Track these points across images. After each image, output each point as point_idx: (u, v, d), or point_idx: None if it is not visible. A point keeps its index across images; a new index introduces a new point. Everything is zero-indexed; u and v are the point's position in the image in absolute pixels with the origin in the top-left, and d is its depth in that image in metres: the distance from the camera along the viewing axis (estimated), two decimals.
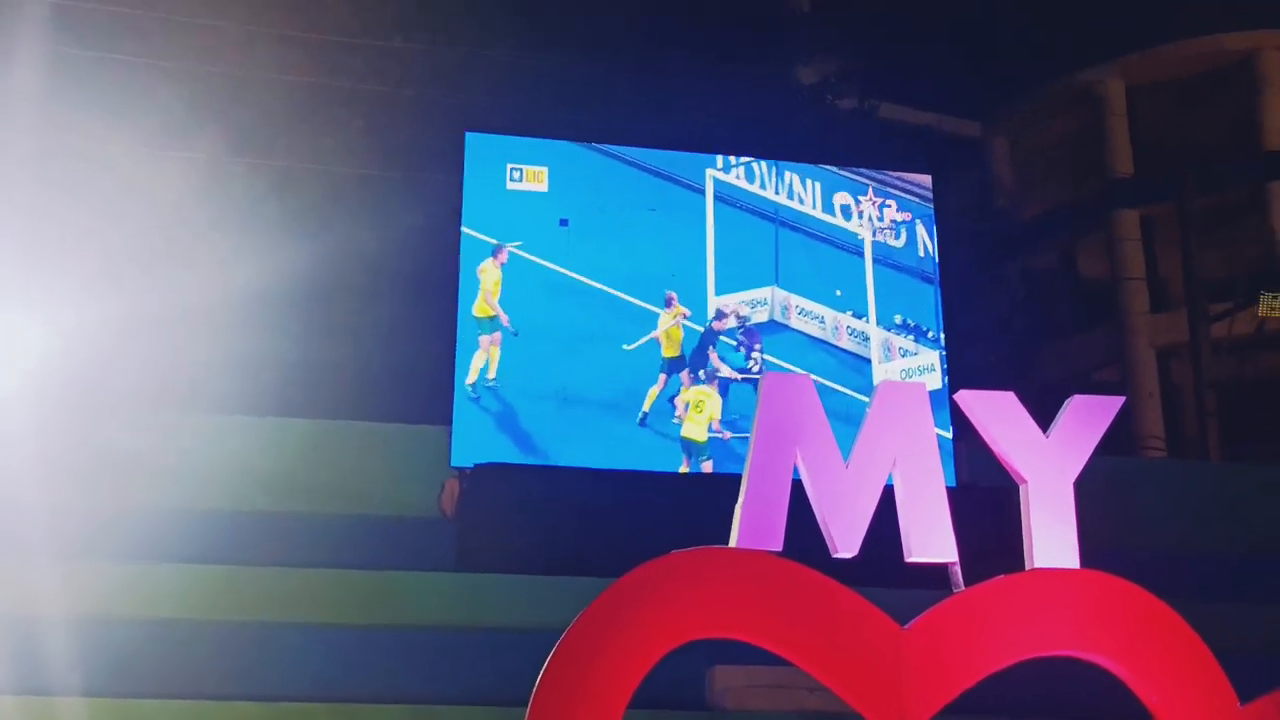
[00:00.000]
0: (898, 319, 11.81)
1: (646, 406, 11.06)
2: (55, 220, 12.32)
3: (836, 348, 11.67)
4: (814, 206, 11.98)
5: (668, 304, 11.29)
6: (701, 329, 11.36)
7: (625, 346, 11.10)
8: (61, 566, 8.59)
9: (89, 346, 10.89)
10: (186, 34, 13.61)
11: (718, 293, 11.51)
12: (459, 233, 10.84)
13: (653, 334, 11.22)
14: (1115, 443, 6.83)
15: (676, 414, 11.12)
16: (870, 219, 11.95)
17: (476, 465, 10.07)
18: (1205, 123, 23.89)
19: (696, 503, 6.93)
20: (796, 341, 11.63)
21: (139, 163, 13.06)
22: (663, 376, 11.19)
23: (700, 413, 11.11)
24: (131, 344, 11.57)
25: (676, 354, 11.25)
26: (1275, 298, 18.69)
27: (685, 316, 11.34)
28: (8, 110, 12.52)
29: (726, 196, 11.81)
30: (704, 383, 11.20)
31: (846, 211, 11.99)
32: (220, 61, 13.70)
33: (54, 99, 13.19)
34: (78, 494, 9.63)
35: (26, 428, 9.68)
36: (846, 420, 5.38)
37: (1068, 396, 5.61)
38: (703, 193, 11.69)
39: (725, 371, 11.32)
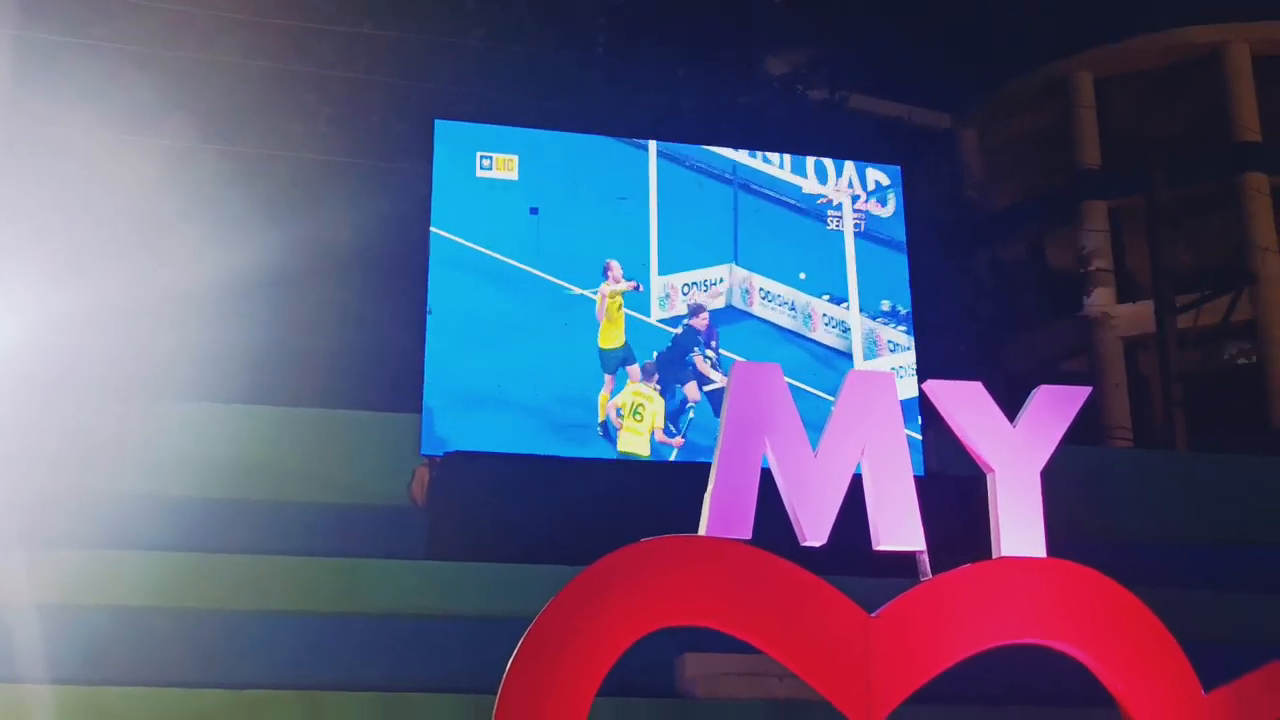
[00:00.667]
0: (885, 305, 10.91)
1: (602, 415, 10.32)
2: (22, 207, 12.22)
3: (810, 340, 10.65)
4: (781, 166, 11.00)
5: (606, 272, 10.46)
6: (668, 328, 10.64)
7: (572, 289, 10.41)
8: (28, 554, 8.54)
9: (56, 333, 10.82)
10: (154, 19, 13.52)
11: (661, 271, 10.63)
12: (428, 220, 10.79)
13: (601, 289, 10.38)
14: (1083, 432, 6.89)
15: (611, 420, 10.20)
16: (850, 182, 11.12)
17: (447, 453, 10.04)
18: (1173, 115, 24.06)
19: (667, 491, 6.94)
20: (760, 332, 10.64)
21: (106, 149, 12.96)
22: (609, 378, 10.29)
23: (640, 420, 10.03)
24: (99, 331, 11.51)
25: (619, 344, 10.37)
26: None
27: (634, 290, 10.48)
28: None
29: (674, 154, 10.99)
30: (649, 381, 10.28)
31: (822, 173, 10.97)
32: (188, 47, 13.61)
33: (20, 84, 13.08)
34: (45, 481, 9.57)
35: None
36: (818, 430, 5.29)
37: (1035, 387, 5.66)
38: (680, 167, 10.84)
39: (719, 380, 10.17)
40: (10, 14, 12.97)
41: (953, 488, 8.17)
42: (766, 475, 5.26)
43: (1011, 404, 5.62)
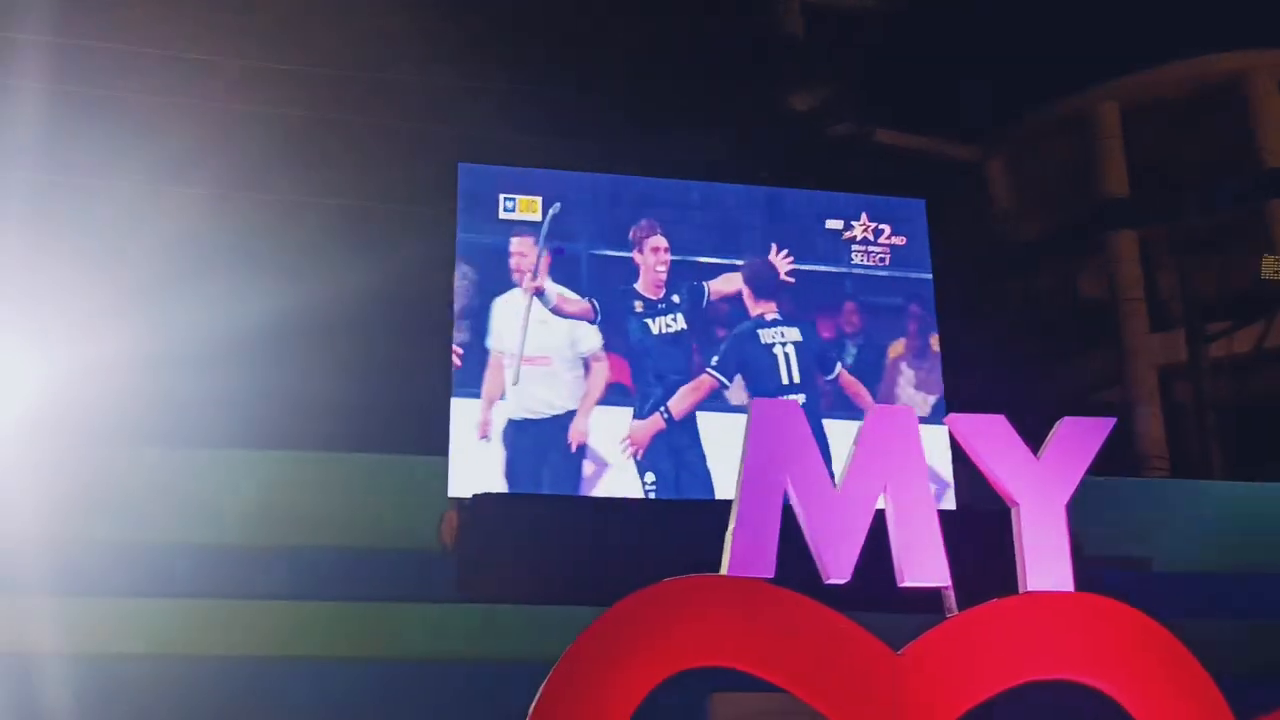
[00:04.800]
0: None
1: None
2: (56, 257, 12.35)
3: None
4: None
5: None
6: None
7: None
8: (58, 602, 8.58)
9: (87, 381, 10.91)
10: (182, 70, 13.68)
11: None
12: (453, 263, 10.85)
13: None
14: (1119, 462, 6.82)
15: None
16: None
17: (475, 495, 10.05)
18: (1200, 143, 23.96)
19: (693, 529, 6.92)
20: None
21: (138, 199, 13.10)
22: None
23: None
24: (129, 378, 11.59)
25: None
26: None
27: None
28: (9, 149, 12.55)
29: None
30: None
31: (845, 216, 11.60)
32: (216, 97, 13.76)
33: (54, 137, 13.24)
34: (75, 529, 9.62)
35: (26, 463, 9.69)
36: None
37: (1069, 418, 5.62)
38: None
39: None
40: (42, 70, 13.15)
41: (979, 522, 8.10)
42: (788, 512, 5.24)
43: (1046, 437, 5.58)
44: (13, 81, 12.78)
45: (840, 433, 8.93)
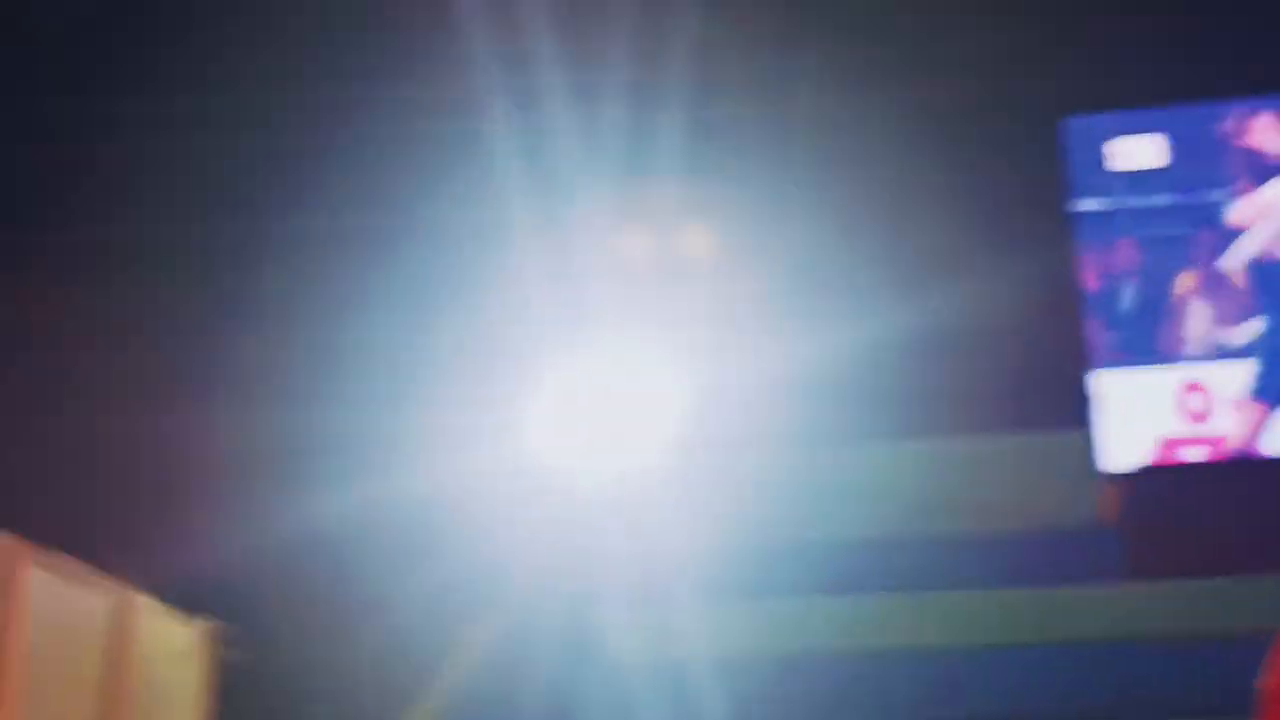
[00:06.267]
0: None
1: None
2: (684, 275, 13.05)
3: None
4: None
5: None
6: None
7: None
8: (721, 606, 9.17)
9: (734, 390, 11.46)
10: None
11: None
12: (1069, 229, 10.46)
13: None
14: None
15: None
16: None
17: (1137, 469, 9.67)
18: None
19: None
20: None
21: (773, 221, 13.55)
22: None
23: None
24: (769, 382, 12.07)
25: None
26: None
27: None
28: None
29: None
30: None
31: None
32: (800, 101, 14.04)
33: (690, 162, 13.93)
34: (748, 532, 10.17)
35: (688, 474, 10.41)
36: None
37: None
38: None
39: None
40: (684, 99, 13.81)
41: None
42: None
43: None
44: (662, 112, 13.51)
45: None
